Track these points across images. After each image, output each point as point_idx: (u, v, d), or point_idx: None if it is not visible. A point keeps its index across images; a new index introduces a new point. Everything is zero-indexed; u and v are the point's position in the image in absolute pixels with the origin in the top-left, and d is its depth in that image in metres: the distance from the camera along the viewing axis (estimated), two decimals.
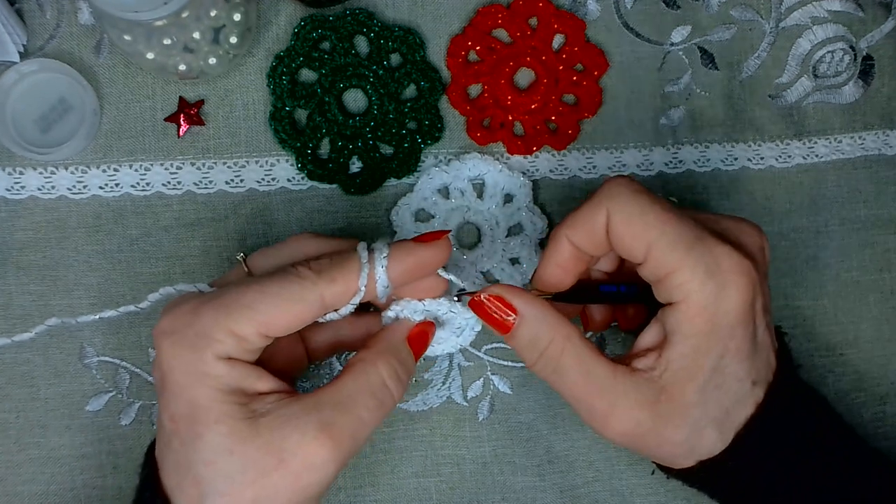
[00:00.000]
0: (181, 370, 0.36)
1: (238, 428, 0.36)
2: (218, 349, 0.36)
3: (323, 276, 0.37)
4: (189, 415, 0.36)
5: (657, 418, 0.38)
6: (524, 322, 0.39)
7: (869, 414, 0.51)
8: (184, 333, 0.36)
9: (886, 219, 0.52)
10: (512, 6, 0.50)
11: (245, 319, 0.36)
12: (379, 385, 0.38)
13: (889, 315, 0.52)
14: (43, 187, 0.48)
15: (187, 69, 0.46)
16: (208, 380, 0.36)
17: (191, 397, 0.36)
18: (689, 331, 0.37)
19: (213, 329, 0.36)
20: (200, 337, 0.36)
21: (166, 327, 0.37)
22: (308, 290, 0.37)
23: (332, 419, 0.36)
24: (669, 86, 0.51)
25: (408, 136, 0.49)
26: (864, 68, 0.52)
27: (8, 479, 0.47)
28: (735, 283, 0.37)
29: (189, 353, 0.36)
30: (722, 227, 0.39)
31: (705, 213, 0.41)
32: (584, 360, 0.38)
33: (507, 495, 0.49)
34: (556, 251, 0.40)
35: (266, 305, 0.36)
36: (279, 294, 0.37)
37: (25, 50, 0.48)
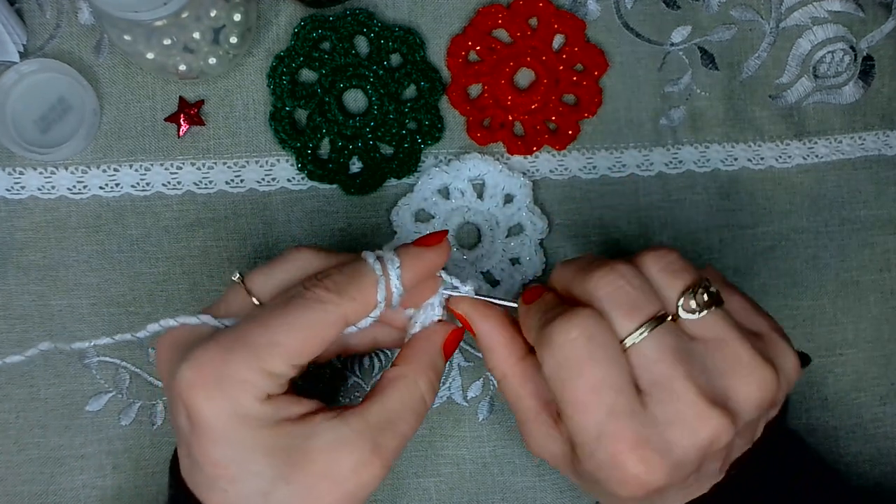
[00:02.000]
0: (221, 419, 0.35)
1: (292, 457, 0.35)
2: (257, 392, 0.35)
3: (343, 295, 0.37)
4: (237, 458, 0.35)
5: (561, 467, 0.40)
6: (478, 340, 0.41)
7: (869, 414, 0.51)
8: (218, 385, 0.35)
9: (886, 219, 0.52)
10: (512, 6, 0.50)
11: (277, 357, 0.35)
12: (419, 402, 0.38)
13: (889, 315, 0.52)
14: (43, 187, 0.48)
15: (187, 69, 0.46)
16: (252, 421, 0.35)
17: (237, 442, 0.35)
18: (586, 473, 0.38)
19: (248, 374, 0.35)
20: (235, 384, 0.35)
21: (194, 380, 0.35)
22: (331, 312, 0.36)
23: (383, 441, 0.36)
24: (669, 86, 0.51)
25: (408, 137, 0.49)
26: (864, 69, 0.52)
27: (8, 479, 0.47)
28: (625, 488, 0.36)
29: (227, 403, 0.35)
30: (758, 329, 0.38)
31: (749, 306, 0.39)
32: (514, 395, 0.40)
33: (506, 495, 0.49)
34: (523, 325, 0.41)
35: (294, 340, 0.35)
36: (304, 324, 0.36)
37: (25, 50, 0.48)
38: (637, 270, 0.37)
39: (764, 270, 0.51)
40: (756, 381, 0.36)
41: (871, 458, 0.51)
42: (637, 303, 0.36)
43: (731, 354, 0.36)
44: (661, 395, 0.35)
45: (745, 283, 0.51)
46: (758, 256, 0.51)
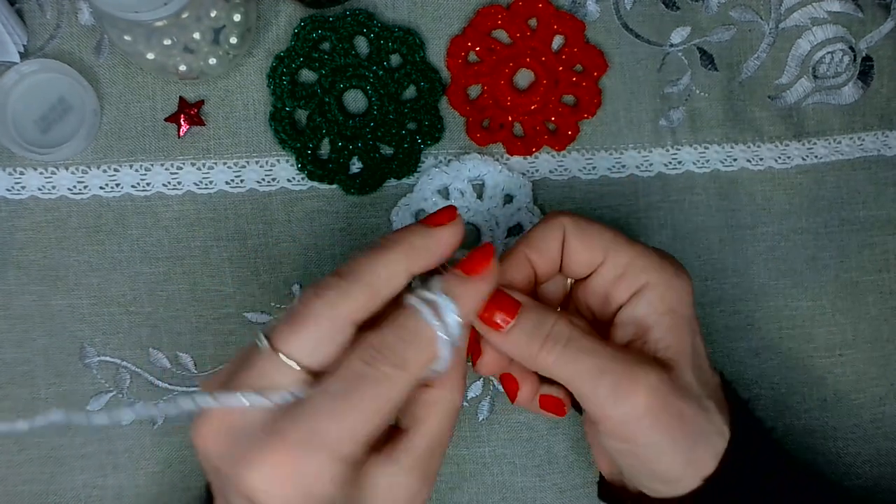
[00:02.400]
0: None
1: None
2: (331, 480, 0.34)
3: (407, 367, 0.35)
4: None
5: (671, 386, 0.37)
6: (527, 309, 0.38)
7: (868, 415, 0.51)
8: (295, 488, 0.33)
9: (885, 219, 0.52)
10: (512, 7, 0.50)
11: (354, 445, 0.34)
12: (454, 410, 0.38)
13: (888, 315, 0.52)
14: (43, 187, 0.48)
15: (187, 69, 0.46)
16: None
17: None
18: (664, 307, 0.39)
19: (325, 469, 0.33)
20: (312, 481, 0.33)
21: (270, 485, 0.33)
22: (399, 386, 0.35)
23: (430, 468, 0.37)
24: (669, 87, 0.51)
25: (408, 137, 0.49)
26: (863, 69, 0.52)
27: (8, 479, 0.47)
28: (684, 272, 0.40)
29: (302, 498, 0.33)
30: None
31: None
32: (591, 332, 0.39)
33: (506, 495, 0.49)
34: (514, 267, 0.40)
35: (368, 423, 0.34)
36: (376, 405, 0.34)
37: (26, 50, 0.48)
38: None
39: (763, 271, 0.51)
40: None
41: (870, 459, 0.51)
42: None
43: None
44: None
45: (744, 284, 0.51)
46: (757, 257, 0.51)
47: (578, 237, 0.40)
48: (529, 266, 0.40)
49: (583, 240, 0.40)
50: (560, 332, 0.38)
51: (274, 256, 0.49)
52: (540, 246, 0.40)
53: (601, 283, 0.40)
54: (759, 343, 0.51)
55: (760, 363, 0.51)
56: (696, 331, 0.40)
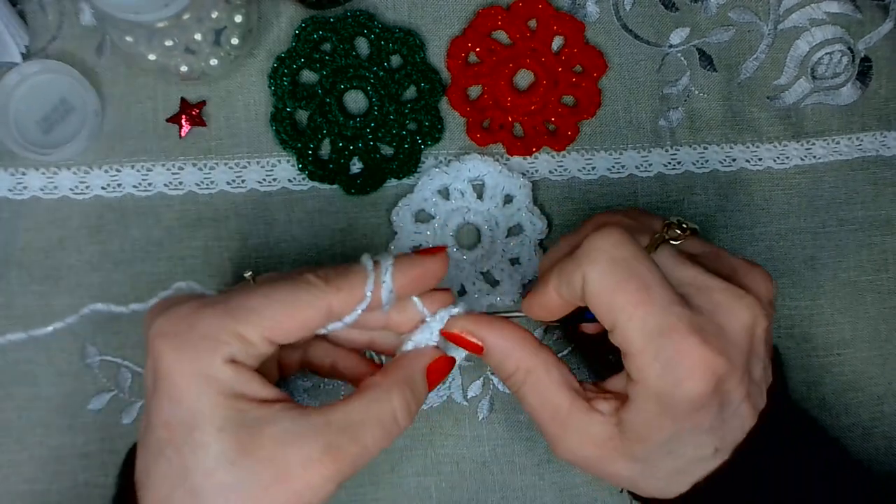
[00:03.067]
0: (183, 373, 0.34)
1: (241, 438, 0.34)
2: (224, 351, 0.35)
3: (330, 283, 0.37)
4: (189, 421, 0.34)
5: (604, 457, 0.38)
6: (487, 353, 0.40)
7: (867, 414, 0.51)
8: (186, 336, 0.35)
9: (884, 219, 0.52)
10: (511, 8, 0.50)
11: (251, 323, 0.35)
12: (389, 416, 0.37)
13: (886, 315, 0.52)
14: (45, 188, 0.48)
15: (189, 70, 0.46)
16: (213, 383, 0.34)
17: (192, 402, 0.34)
18: (643, 408, 0.37)
19: (219, 331, 0.35)
20: (205, 339, 0.35)
21: (165, 328, 0.35)
22: (315, 296, 0.37)
23: (339, 443, 0.35)
24: (668, 87, 0.51)
25: (408, 137, 0.49)
26: (861, 70, 0.53)
27: (10, 479, 0.47)
28: (694, 378, 0.35)
29: (192, 355, 0.34)
30: (731, 267, 0.39)
31: (716, 249, 0.41)
32: (542, 391, 0.39)
33: (506, 494, 0.49)
34: (542, 295, 0.40)
35: (272, 311, 0.36)
36: (286, 300, 0.36)
37: (27, 51, 0.48)
38: (623, 214, 0.41)
39: None
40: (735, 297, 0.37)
41: (868, 458, 0.51)
42: (639, 228, 0.40)
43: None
44: (694, 291, 0.37)
45: None
46: (756, 257, 0.51)
47: (594, 297, 0.37)
48: (557, 295, 0.39)
49: (597, 301, 0.37)
50: (513, 382, 0.40)
51: (275, 256, 0.49)
52: (563, 282, 0.38)
53: (612, 339, 0.38)
54: None
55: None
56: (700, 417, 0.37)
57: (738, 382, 0.37)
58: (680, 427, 0.37)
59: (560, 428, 0.39)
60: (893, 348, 0.52)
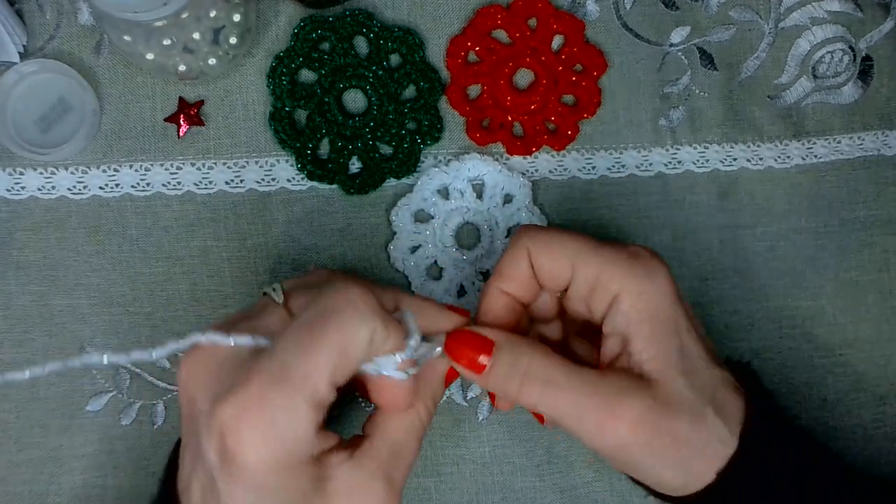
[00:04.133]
0: (263, 463, 0.33)
1: (310, 502, 0.34)
2: (303, 430, 0.33)
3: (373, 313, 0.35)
4: (263, 502, 0.33)
5: (657, 410, 0.37)
6: (501, 349, 0.39)
7: (869, 415, 0.51)
8: (266, 425, 0.32)
9: (885, 219, 0.52)
10: (511, 7, 0.50)
11: (321, 386, 0.33)
12: (421, 429, 0.39)
13: (888, 315, 0.52)
14: (43, 187, 0.48)
15: (187, 70, 0.46)
16: (290, 466, 0.33)
17: (270, 487, 0.33)
18: (639, 316, 0.38)
19: (295, 413, 0.33)
20: (284, 426, 0.33)
21: (240, 416, 0.32)
22: (364, 328, 0.35)
23: (394, 475, 0.37)
24: (668, 86, 0.51)
25: (407, 137, 0.49)
26: (863, 69, 0.52)
27: (8, 479, 0.47)
28: (658, 266, 0.39)
29: (274, 444, 0.33)
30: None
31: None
32: (569, 367, 0.38)
33: (506, 495, 0.49)
34: (489, 303, 0.41)
35: (333, 364, 0.34)
36: (344, 343, 0.34)
37: (25, 50, 0.48)
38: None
39: (763, 271, 0.51)
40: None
41: (871, 459, 0.51)
42: None
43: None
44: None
45: (744, 284, 0.51)
46: (757, 256, 0.51)
47: (543, 254, 0.40)
48: (507, 297, 0.41)
49: (547, 256, 0.40)
50: (536, 371, 0.38)
51: (274, 256, 0.49)
52: (510, 274, 0.41)
53: (578, 294, 0.40)
54: (759, 343, 0.51)
55: (761, 363, 0.51)
56: (684, 329, 0.39)
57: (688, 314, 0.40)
58: (676, 325, 0.38)
59: (606, 399, 0.37)
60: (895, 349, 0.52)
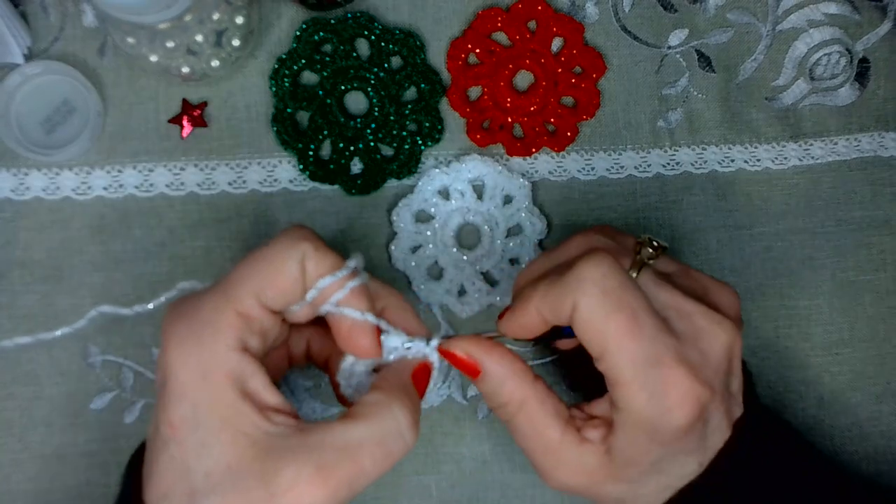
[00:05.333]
0: (187, 368, 0.34)
1: (240, 442, 0.33)
2: (227, 336, 0.34)
3: (308, 238, 0.37)
4: (192, 419, 0.34)
5: (595, 483, 0.39)
6: (485, 378, 0.39)
7: (865, 413, 0.51)
8: (190, 326, 0.34)
9: (882, 220, 0.52)
10: (511, 9, 0.50)
11: (244, 292, 0.35)
12: (393, 433, 0.35)
13: (885, 315, 0.52)
14: (47, 188, 0.49)
15: (190, 71, 0.47)
16: (217, 377, 0.34)
17: (196, 399, 0.34)
18: (631, 434, 0.37)
19: (219, 315, 0.34)
20: (207, 325, 0.34)
21: (171, 322, 0.35)
22: (292, 249, 0.36)
23: (333, 463, 0.33)
24: (667, 88, 0.52)
25: (408, 138, 0.50)
26: (860, 71, 0.53)
27: (12, 477, 0.47)
28: (683, 408, 0.36)
29: (195, 347, 0.34)
30: (702, 286, 0.40)
31: (685, 267, 0.41)
32: (535, 423, 0.39)
33: (506, 492, 0.49)
34: (523, 316, 0.39)
35: (259, 272, 0.35)
36: (270, 258, 0.36)
37: (30, 52, 0.48)
38: (599, 232, 0.41)
39: (760, 271, 0.52)
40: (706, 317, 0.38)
41: (867, 457, 0.51)
42: (620, 251, 0.40)
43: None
44: (675, 315, 0.38)
45: (741, 284, 0.51)
46: (754, 257, 0.52)
47: (583, 324, 0.37)
48: (538, 315, 0.39)
49: (586, 330, 0.37)
50: (506, 412, 0.39)
51: None
52: (549, 305, 0.38)
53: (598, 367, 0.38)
54: (756, 342, 0.51)
55: (758, 362, 0.51)
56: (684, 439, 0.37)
57: (719, 404, 0.38)
58: (667, 451, 0.37)
59: (552, 460, 0.39)
60: (891, 348, 0.52)
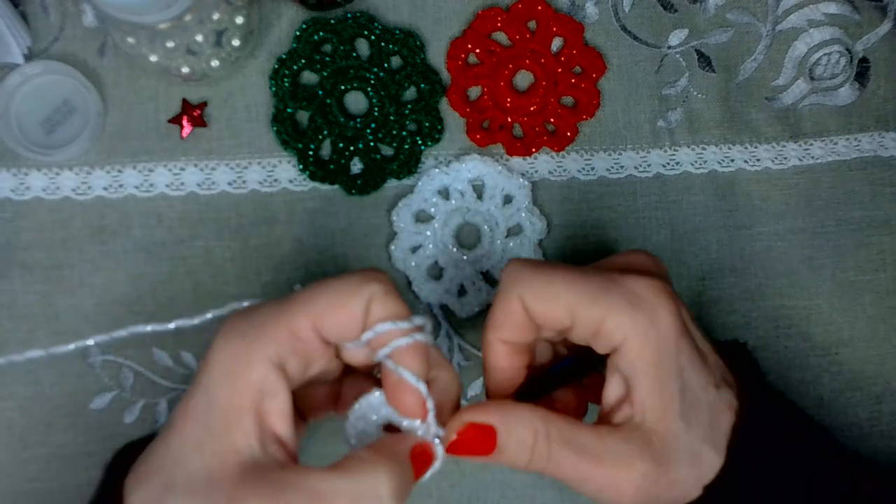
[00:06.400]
0: (221, 363, 0.34)
1: (230, 459, 0.33)
2: (271, 347, 0.34)
3: (371, 280, 0.35)
4: (204, 414, 0.34)
5: (658, 462, 0.37)
6: (504, 432, 0.37)
7: (865, 413, 0.52)
8: (239, 326, 0.35)
9: (881, 220, 0.52)
10: (511, 9, 0.50)
11: (302, 313, 0.35)
12: (369, 495, 0.33)
13: (884, 314, 0.52)
14: (47, 188, 0.49)
15: (190, 71, 0.47)
16: (240, 380, 0.34)
17: (215, 396, 0.34)
18: (643, 366, 0.37)
19: (268, 322, 0.35)
20: (254, 329, 0.34)
21: (228, 320, 0.35)
22: (357, 291, 0.35)
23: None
24: (667, 88, 0.52)
25: (408, 138, 0.50)
26: (860, 70, 0.53)
27: (13, 477, 0.47)
28: (660, 304, 0.37)
29: (235, 347, 0.34)
30: (618, 265, 0.40)
31: (598, 262, 0.41)
32: (570, 439, 0.37)
33: (506, 493, 0.49)
34: (492, 356, 0.39)
35: (323, 298, 0.35)
36: (338, 288, 0.35)
37: (30, 52, 0.48)
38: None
39: (760, 271, 0.52)
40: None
41: (867, 457, 0.51)
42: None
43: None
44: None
45: (741, 284, 0.51)
46: (754, 257, 0.52)
47: (539, 303, 0.38)
48: (509, 345, 0.39)
49: (544, 305, 0.38)
50: (541, 450, 0.37)
51: (276, 256, 0.49)
52: (505, 325, 0.39)
53: (579, 337, 0.39)
54: (756, 342, 0.51)
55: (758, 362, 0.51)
56: (686, 366, 0.38)
57: (685, 312, 0.39)
58: (679, 366, 0.37)
59: (608, 466, 0.37)
60: (891, 348, 0.52)
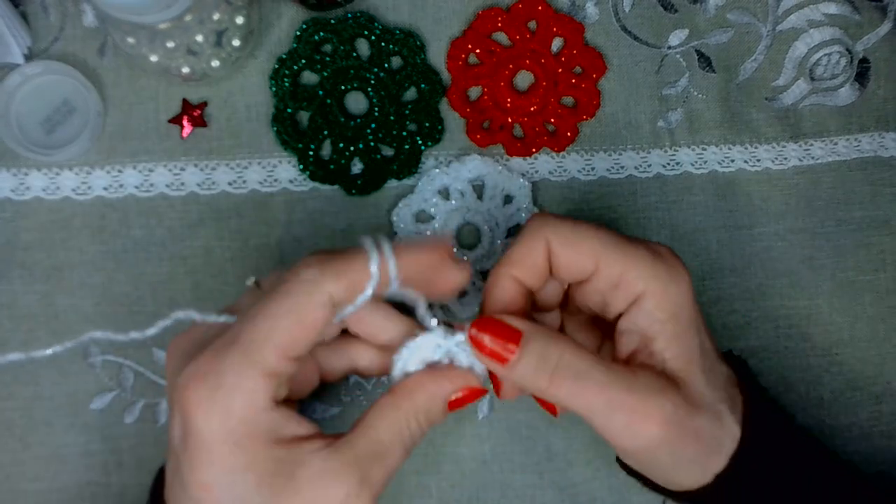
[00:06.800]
0: (217, 436, 0.33)
1: (278, 485, 0.34)
2: (257, 399, 0.34)
3: (326, 271, 0.35)
4: (226, 480, 0.33)
5: (684, 409, 0.37)
6: (530, 341, 0.37)
7: (865, 413, 0.52)
8: (212, 392, 0.33)
9: (882, 220, 0.52)
10: (511, 9, 0.50)
11: (268, 352, 0.34)
12: (410, 438, 0.37)
13: (885, 315, 0.52)
14: (47, 188, 0.49)
15: (190, 71, 0.47)
16: (252, 443, 0.34)
17: (231, 464, 0.33)
18: (663, 315, 0.37)
19: (243, 380, 0.34)
20: (232, 392, 0.33)
21: (190, 388, 0.34)
22: (315, 292, 0.34)
23: (371, 473, 0.35)
24: (667, 88, 0.52)
25: (408, 138, 0.50)
26: (860, 71, 0.53)
27: (13, 477, 0.47)
28: (680, 265, 0.39)
29: (223, 416, 0.33)
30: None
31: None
32: (600, 363, 0.37)
33: (506, 492, 0.49)
34: (498, 289, 0.39)
35: (280, 329, 0.34)
36: (290, 310, 0.34)
37: (30, 52, 0.48)
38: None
39: (760, 271, 0.52)
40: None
41: (867, 457, 0.51)
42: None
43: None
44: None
45: (741, 284, 0.51)
46: (754, 257, 0.52)
47: (565, 247, 0.38)
48: (518, 284, 0.39)
49: (570, 250, 0.38)
50: (567, 364, 0.36)
51: (276, 257, 0.49)
52: (524, 262, 0.39)
53: (596, 289, 0.39)
54: (756, 342, 0.51)
55: (758, 362, 0.51)
56: (702, 328, 0.39)
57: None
58: (697, 325, 0.38)
59: (637, 393, 0.36)
60: (891, 348, 0.52)
